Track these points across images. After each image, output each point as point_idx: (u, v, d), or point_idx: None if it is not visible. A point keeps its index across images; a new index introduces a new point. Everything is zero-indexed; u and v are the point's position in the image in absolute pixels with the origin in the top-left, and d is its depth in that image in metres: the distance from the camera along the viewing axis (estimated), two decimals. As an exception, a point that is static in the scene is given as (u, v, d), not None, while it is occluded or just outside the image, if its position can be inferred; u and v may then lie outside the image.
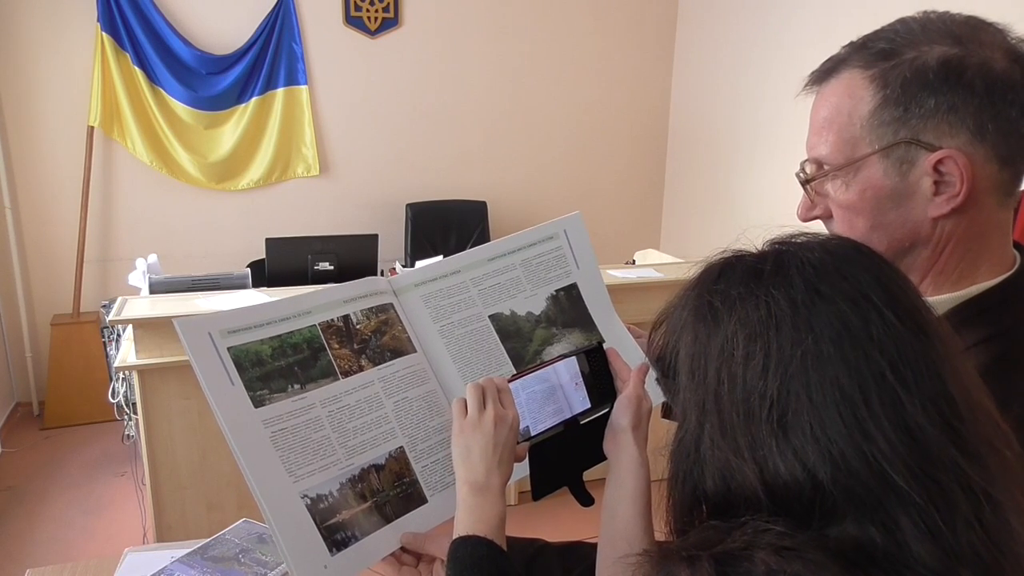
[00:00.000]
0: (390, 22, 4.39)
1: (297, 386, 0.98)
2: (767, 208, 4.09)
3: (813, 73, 0.87)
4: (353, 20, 4.33)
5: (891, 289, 0.63)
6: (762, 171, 4.21)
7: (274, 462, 0.93)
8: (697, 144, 4.83)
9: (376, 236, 3.37)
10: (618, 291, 3.01)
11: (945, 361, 0.61)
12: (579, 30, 4.75)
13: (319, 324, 1.02)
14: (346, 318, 1.05)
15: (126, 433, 2.98)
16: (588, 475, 1.05)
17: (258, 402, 0.94)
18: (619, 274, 3.18)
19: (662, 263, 3.57)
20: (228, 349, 0.94)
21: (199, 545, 1.43)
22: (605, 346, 1.08)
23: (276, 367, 0.97)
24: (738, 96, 4.39)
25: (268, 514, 0.91)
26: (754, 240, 0.69)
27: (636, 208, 5.17)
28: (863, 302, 0.61)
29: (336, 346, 1.03)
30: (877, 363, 0.59)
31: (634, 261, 3.78)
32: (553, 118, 4.84)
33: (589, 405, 1.05)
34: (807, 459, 0.58)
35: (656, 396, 1.02)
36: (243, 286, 3.02)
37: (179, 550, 1.41)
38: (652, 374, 0.78)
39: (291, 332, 1.00)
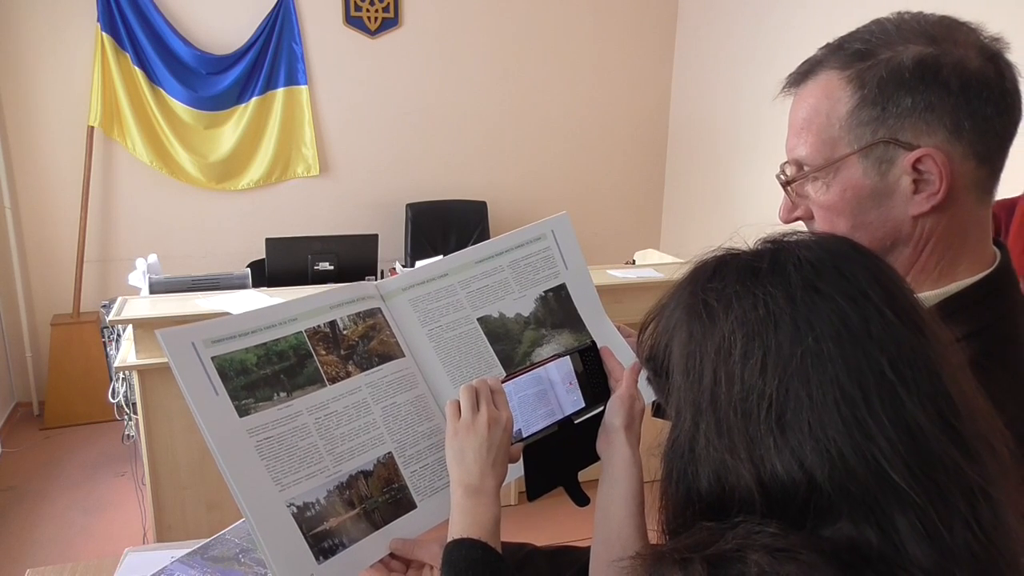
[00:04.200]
0: (390, 22, 4.39)
1: (283, 394, 0.97)
2: (767, 208, 4.08)
3: (790, 75, 0.88)
4: (353, 20, 4.33)
5: (888, 287, 0.63)
6: (762, 171, 4.20)
7: (260, 471, 0.92)
8: (697, 144, 4.83)
9: (376, 236, 3.37)
10: (618, 291, 3.02)
11: (942, 359, 0.61)
12: (579, 30, 4.74)
13: (305, 331, 1.01)
14: (333, 324, 1.04)
15: (126, 433, 2.98)
16: (584, 475, 1.05)
17: (243, 411, 0.94)
18: (619, 274, 3.17)
19: (662, 263, 3.56)
20: (212, 359, 0.93)
21: (199, 545, 1.42)
22: (601, 345, 1.08)
23: (261, 375, 0.96)
24: (738, 96, 4.38)
25: (253, 523, 0.91)
26: (746, 239, 0.69)
27: (636, 208, 5.16)
28: (862, 300, 0.61)
29: (323, 352, 1.02)
30: (877, 361, 0.59)
31: (634, 261, 3.78)
32: (553, 118, 4.84)
33: (583, 405, 1.04)
34: (805, 458, 0.58)
35: (649, 395, 1.02)
36: (243, 286, 3.02)
37: (179, 550, 1.41)
38: (644, 373, 0.78)
39: (276, 340, 0.99)
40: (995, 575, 0.57)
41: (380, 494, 1.01)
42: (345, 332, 1.05)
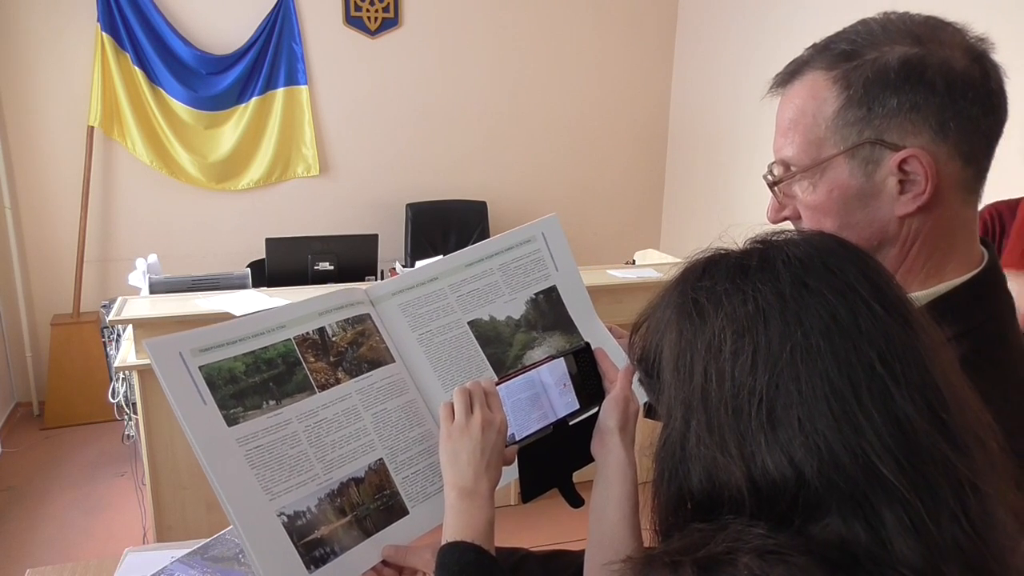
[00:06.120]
0: (390, 22, 4.39)
1: (272, 402, 0.96)
2: (766, 208, 4.08)
3: (777, 76, 0.88)
4: (353, 20, 4.33)
5: (876, 281, 0.63)
6: (761, 171, 4.19)
7: (249, 481, 0.91)
8: (697, 144, 4.82)
9: (376, 236, 3.37)
10: (618, 291, 3.02)
11: (930, 353, 0.61)
12: (579, 30, 4.74)
13: (294, 338, 1.01)
14: (321, 331, 1.03)
15: (126, 433, 2.99)
16: (579, 476, 1.05)
17: (232, 420, 0.92)
18: (619, 274, 3.17)
19: (662, 263, 3.56)
20: (200, 368, 0.92)
21: (199, 545, 1.41)
22: (593, 347, 1.08)
23: (250, 384, 0.95)
24: (738, 96, 4.37)
25: (242, 533, 0.90)
26: (735, 239, 0.70)
27: (636, 208, 5.16)
28: (850, 294, 0.61)
29: (312, 360, 1.01)
30: (866, 355, 0.59)
31: (634, 261, 3.78)
32: (553, 118, 4.83)
33: (578, 406, 1.04)
34: (795, 454, 0.58)
35: (643, 396, 1.02)
36: (243, 286, 3.02)
37: (179, 550, 1.40)
38: (637, 374, 0.78)
39: (265, 347, 0.98)
40: (983, 569, 0.57)
41: (372, 501, 1.00)
42: (334, 338, 1.04)
